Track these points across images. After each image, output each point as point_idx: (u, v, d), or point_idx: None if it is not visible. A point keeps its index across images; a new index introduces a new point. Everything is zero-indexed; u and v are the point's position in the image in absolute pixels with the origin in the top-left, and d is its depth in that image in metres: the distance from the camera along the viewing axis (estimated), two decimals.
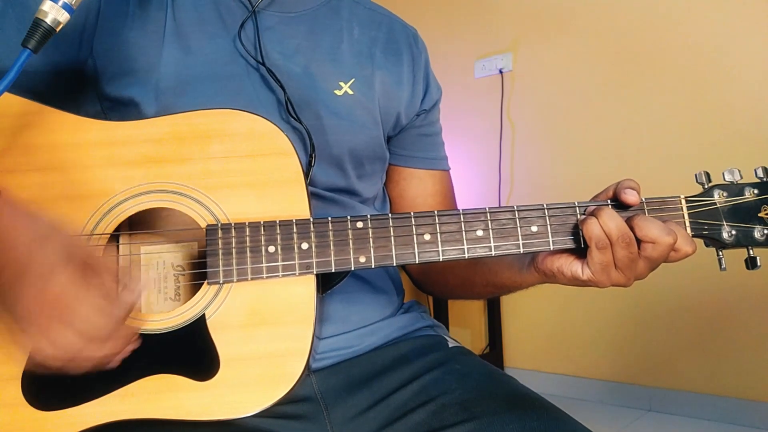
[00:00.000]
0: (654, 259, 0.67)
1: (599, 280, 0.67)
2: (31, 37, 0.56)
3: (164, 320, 0.64)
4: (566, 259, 0.70)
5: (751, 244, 0.69)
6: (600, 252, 0.65)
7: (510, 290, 0.81)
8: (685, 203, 0.70)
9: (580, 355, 2.55)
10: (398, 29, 0.92)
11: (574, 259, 0.69)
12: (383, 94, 0.85)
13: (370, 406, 0.72)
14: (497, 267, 0.80)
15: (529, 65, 2.68)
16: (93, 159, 0.66)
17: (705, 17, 2.24)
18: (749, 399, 2.16)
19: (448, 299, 0.86)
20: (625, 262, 0.66)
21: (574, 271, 0.69)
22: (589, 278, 0.68)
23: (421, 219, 0.67)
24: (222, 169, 0.67)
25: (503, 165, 2.72)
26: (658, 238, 0.65)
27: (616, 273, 0.67)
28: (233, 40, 0.78)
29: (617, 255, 0.66)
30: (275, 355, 0.64)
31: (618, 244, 0.65)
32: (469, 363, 0.78)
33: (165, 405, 0.62)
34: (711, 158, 2.22)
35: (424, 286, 0.95)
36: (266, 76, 0.77)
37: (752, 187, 0.70)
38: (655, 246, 0.65)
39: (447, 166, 0.96)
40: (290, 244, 0.65)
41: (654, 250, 0.65)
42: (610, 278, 0.67)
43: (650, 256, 0.66)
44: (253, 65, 0.77)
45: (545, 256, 0.71)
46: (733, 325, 2.19)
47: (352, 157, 0.81)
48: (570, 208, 0.69)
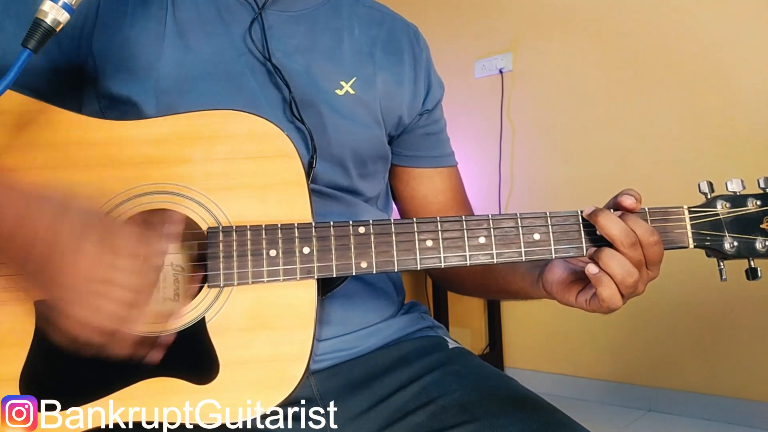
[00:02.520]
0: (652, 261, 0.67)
1: (602, 300, 0.67)
2: (31, 37, 0.56)
3: (164, 323, 0.63)
4: (562, 283, 0.72)
5: (753, 255, 0.69)
6: (629, 249, 0.65)
7: (523, 299, 0.82)
8: (688, 213, 0.69)
9: (580, 355, 2.55)
10: (399, 27, 0.91)
11: (569, 284, 0.71)
12: (385, 94, 0.85)
13: (370, 407, 0.72)
14: (511, 278, 0.80)
15: (529, 65, 2.68)
16: (94, 158, 0.66)
17: (706, 17, 2.24)
18: (749, 399, 2.16)
19: (463, 296, 0.91)
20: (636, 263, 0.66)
21: (569, 299, 0.71)
22: (582, 307, 0.70)
23: (424, 225, 0.67)
24: (223, 171, 0.66)
25: (503, 165, 2.72)
26: (643, 238, 0.65)
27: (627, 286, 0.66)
28: (235, 39, 0.77)
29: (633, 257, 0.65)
30: (275, 359, 0.64)
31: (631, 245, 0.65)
32: (469, 364, 0.78)
33: (164, 407, 0.62)
34: (711, 158, 2.22)
35: (442, 283, 0.97)
36: (272, 72, 0.76)
37: (755, 198, 0.69)
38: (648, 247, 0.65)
39: (454, 162, 0.96)
40: (291, 248, 0.65)
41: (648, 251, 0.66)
42: (616, 295, 0.67)
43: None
44: (261, 60, 0.77)
45: (547, 277, 0.73)
46: (733, 326, 2.19)
47: (355, 156, 0.81)
48: (572, 216, 0.69)
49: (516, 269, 0.80)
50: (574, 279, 0.71)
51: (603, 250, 0.66)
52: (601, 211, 0.66)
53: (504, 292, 0.83)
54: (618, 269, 0.65)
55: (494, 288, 0.85)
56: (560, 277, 0.72)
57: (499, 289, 0.84)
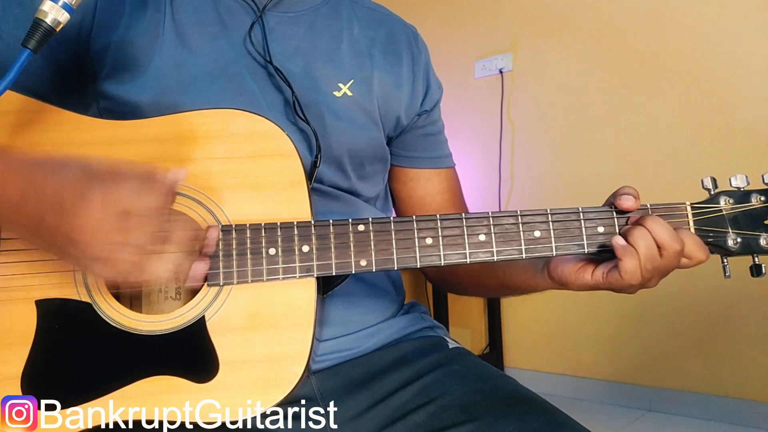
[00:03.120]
0: (663, 267, 0.67)
1: (619, 283, 0.67)
2: (31, 37, 0.56)
3: (164, 321, 0.63)
4: (575, 266, 0.70)
5: (757, 251, 0.68)
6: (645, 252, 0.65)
7: (524, 292, 0.81)
8: (690, 210, 0.69)
9: (580, 355, 2.55)
10: (398, 29, 0.91)
11: (583, 265, 0.70)
12: (382, 95, 0.85)
13: (370, 407, 0.73)
14: (511, 270, 0.80)
15: (529, 65, 2.68)
16: None
17: (706, 17, 2.24)
18: (749, 399, 2.16)
19: (461, 295, 0.90)
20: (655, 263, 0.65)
21: (584, 278, 0.69)
22: (598, 283, 0.68)
23: (423, 223, 0.67)
24: (223, 170, 0.66)
25: (503, 165, 2.72)
26: (666, 244, 0.65)
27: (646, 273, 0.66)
28: (235, 41, 0.77)
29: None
30: (275, 358, 0.64)
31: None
32: (469, 364, 0.78)
33: (164, 406, 0.62)
34: (712, 157, 2.22)
35: (439, 284, 0.96)
36: (273, 74, 0.76)
37: (759, 194, 0.69)
38: (664, 252, 0.65)
39: (452, 163, 0.96)
40: (291, 247, 0.65)
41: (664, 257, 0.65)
42: (637, 279, 0.66)
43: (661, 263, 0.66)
44: (261, 63, 0.77)
45: (557, 264, 0.72)
46: (733, 326, 2.19)
47: (352, 158, 0.81)
48: (574, 214, 0.69)
49: (516, 262, 0.79)
50: (586, 263, 0.71)
51: (635, 227, 0.66)
52: (652, 218, 0.66)
53: (504, 287, 0.83)
54: (644, 248, 0.65)
55: (494, 284, 0.84)
56: (574, 264, 0.71)
57: (500, 285, 0.83)
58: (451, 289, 0.96)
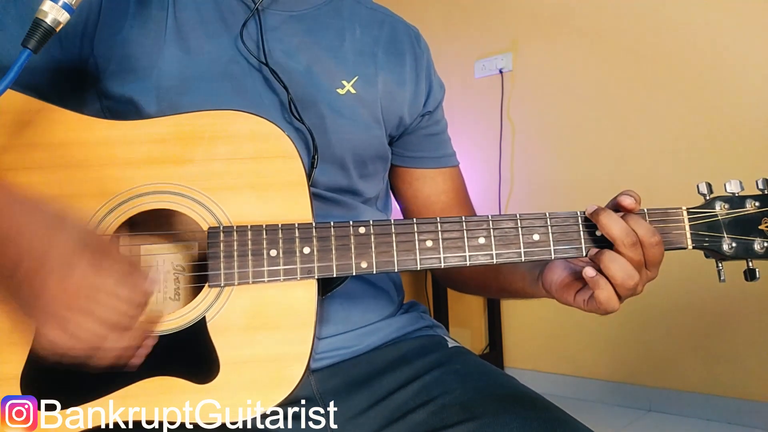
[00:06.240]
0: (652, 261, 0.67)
1: (599, 301, 0.67)
2: (31, 37, 0.56)
3: (164, 322, 0.63)
4: (561, 282, 0.72)
5: (751, 256, 0.69)
6: (630, 249, 0.65)
7: (524, 298, 0.82)
8: (686, 215, 0.70)
9: (580, 355, 2.55)
10: (400, 29, 0.91)
11: (568, 283, 0.71)
12: (385, 94, 0.85)
13: (370, 406, 0.73)
14: (512, 277, 0.81)
15: (529, 65, 2.68)
16: (95, 158, 0.66)
17: (706, 17, 2.24)
18: (749, 399, 2.16)
19: (464, 293, 0.94)
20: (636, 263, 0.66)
21: (567, 299, 0.71)
22: (580, 307, 0.70)
23: (424, 225, 0.67)
24: (225, 171, 0.66)
25: (503, 165, 2.72)
26: (644, 238, 0.65)
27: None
28: (235, 40, 0.77)
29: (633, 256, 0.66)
30: (275, 358, 0.64)
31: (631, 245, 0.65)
32: (469, 363, 0.78)
33: (164, 407, 0.62)
34: (711, 159, 2.22)
35: (444, 282, 0.98)
36: (269, 76, 0.76)
37: (753, 199, 0.70)
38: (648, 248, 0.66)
39: (456, 162, 0.97)
40: (292, 248, 0.65)
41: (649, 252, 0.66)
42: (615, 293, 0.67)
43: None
44: (255, 65, 0.77)
45: (547, 273, 0.74)
46: (732, 326, 2.19)
47: (355, 156, 0.81)
48: (572, 218, 0.69)
49: (516, 268, 0.81)
50: (573, 279, 0.72)
51: (604, 252, 0.66)
52: (603, 210, 0.67)
53: (504, 291, 0.84)
54: (619, 272, 0.65)
55: (495, 287, 0.86)
56: (560, 277, 0.72)
57: (500, 288, 0.85)
58: (456, 288, 0.97)
